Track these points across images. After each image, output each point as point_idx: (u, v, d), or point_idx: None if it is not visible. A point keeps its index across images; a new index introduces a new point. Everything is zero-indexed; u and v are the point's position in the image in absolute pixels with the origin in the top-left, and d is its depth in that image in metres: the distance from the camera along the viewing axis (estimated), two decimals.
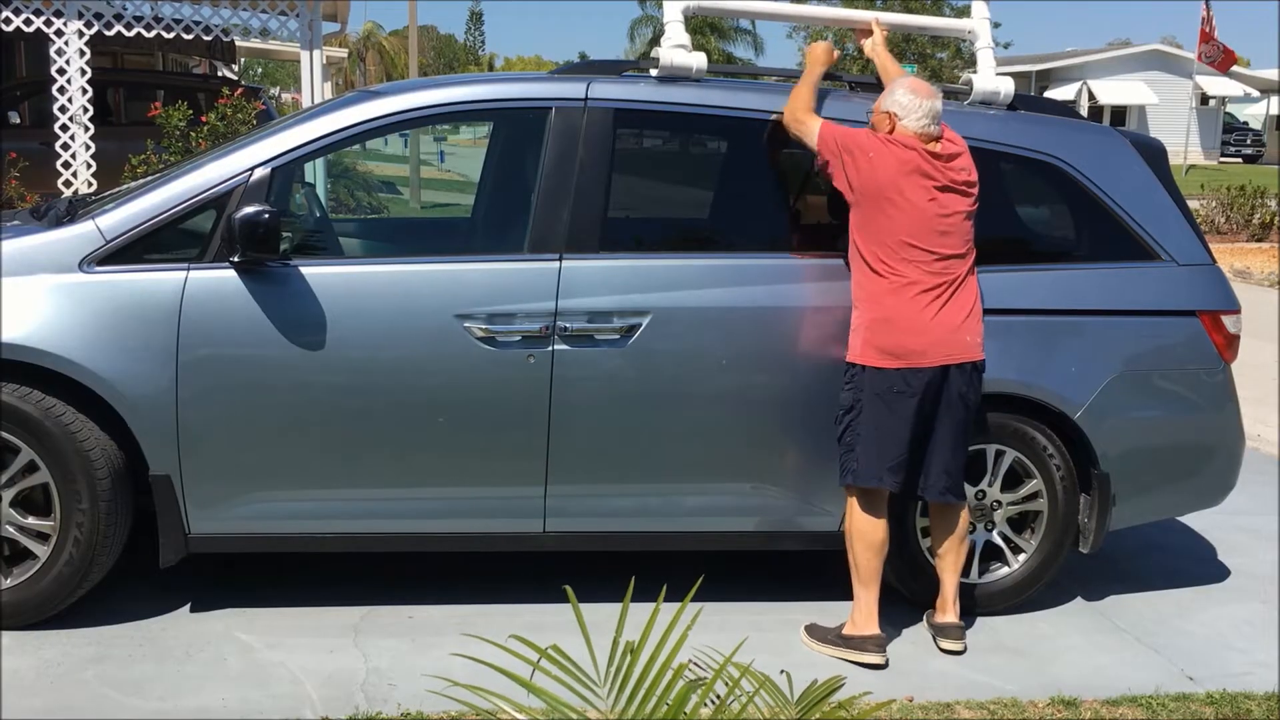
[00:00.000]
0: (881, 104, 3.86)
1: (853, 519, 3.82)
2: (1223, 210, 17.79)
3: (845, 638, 3.82)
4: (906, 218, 3.69)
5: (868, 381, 3.72)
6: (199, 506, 3.74)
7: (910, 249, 3.69)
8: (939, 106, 3.79)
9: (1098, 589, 4.48)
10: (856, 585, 3.84)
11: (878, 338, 3.71)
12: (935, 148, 3.75)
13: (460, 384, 3.76)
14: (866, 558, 3.80)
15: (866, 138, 3.79)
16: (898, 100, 3.80)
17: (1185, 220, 4.29)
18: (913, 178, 3.71)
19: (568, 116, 3.90)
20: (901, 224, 3.70)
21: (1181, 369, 4.20)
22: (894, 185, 3.70)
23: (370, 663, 3.66)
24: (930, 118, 3.78)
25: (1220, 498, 4.42)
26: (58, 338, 3.57)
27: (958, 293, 3.73)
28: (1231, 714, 3.53)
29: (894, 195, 3.70)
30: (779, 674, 2.53)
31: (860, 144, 3.77)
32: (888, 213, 3.70)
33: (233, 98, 9.15)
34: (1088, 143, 4.25)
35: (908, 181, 3.70)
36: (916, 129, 3.78)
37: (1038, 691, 3.65)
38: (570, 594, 2.33)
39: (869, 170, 3.72)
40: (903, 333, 3.69)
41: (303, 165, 4.23)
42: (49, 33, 8.80)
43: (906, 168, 3.71)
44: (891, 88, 3.88)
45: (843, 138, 3.79)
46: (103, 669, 3.55)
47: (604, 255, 3.85)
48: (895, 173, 3.71)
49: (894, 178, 3.71)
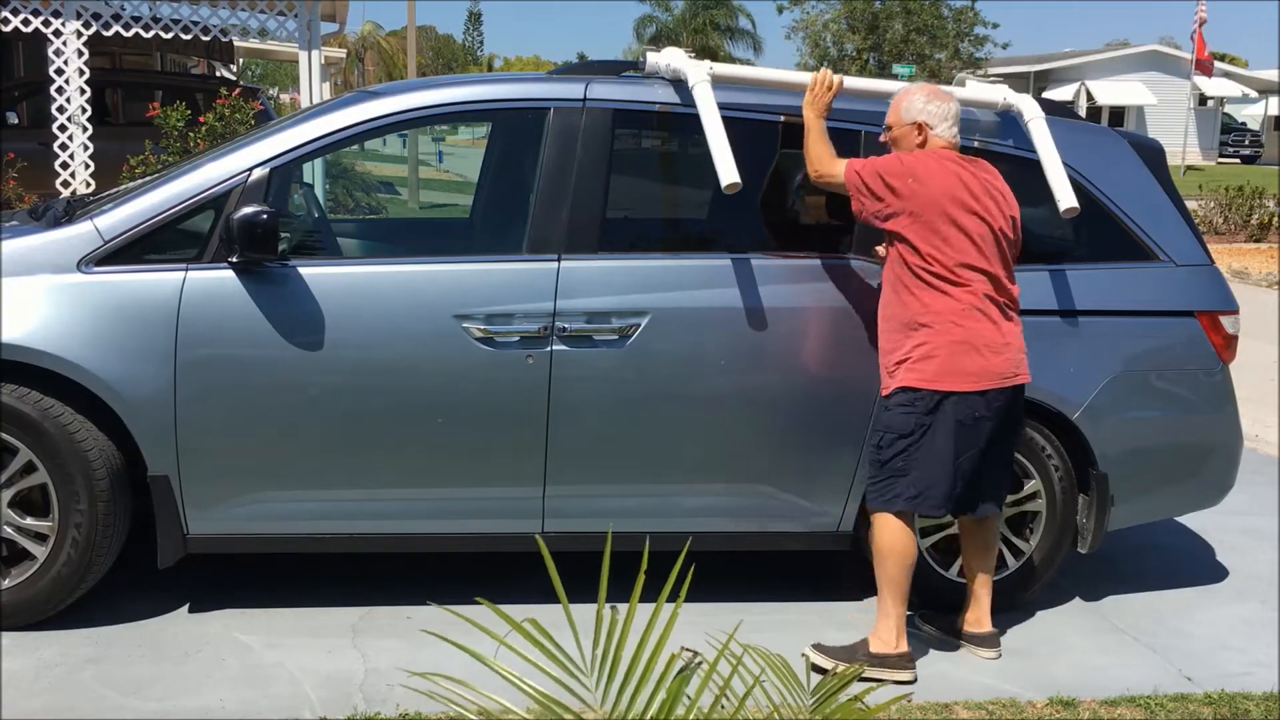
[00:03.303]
0: (904, 115, 3.69)
1: (886, 537, 3.64)
2: (1221, 211, 17.80)
3: (877, 656, 3.64)
4: (968, 236, 3.55)
5: (950, 407, 3.55)
6: (197, 507, 3.74)
7: (974, 270, 3.56)
8: (959, 108, 3.71)
9: (1096, 589, 4.48)
10: (890, 602, 3.66)
11: (959, 361, 3.55)
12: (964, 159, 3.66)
13: (459, 384, 3.76)
14: (902, 575, 3.65)
15: (902, 160, 3.61)
16: (926, 109, 3.65)
17: (1183, 221, 4.30)
18: (966, 193, 3.57)
19: (566, 117, 3.89)
20: (963, 243, 3.55)
21: (1180, 369, 4.20)
22: (954, 202, 3.55)
23: (369, 663, 3.66)
24: (958, 123, 3.68)
25: (1219, 498, 4.43)
26: (56, 338, 3.57)
27: (1015, 308, 3.67)
28: (1230, 714, 3.53)
29: (955, 212, 3.54)
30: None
31: (897, 170, 3.59)
32: (946, 231, 3.54)
33: (231, 98, 9.15)
34: (1086, 143, 4.25)
35: (965, 197, 3.56)
36: (950, 138, 3.67)
37: (1036, 692, 3.65)
38: (547, 556, 2.21)
39: (920, 192, 3.55)
40: (987, 354, 3.56)
41: (301, 166, 4.22)
42: (47, 33, 8.79)
43: (959, 182, 3.57)
44: (908, 97, 3.70)
45: (876, 171, 3.61)
46: (101, 669, 3.55)
47: (603, 256, 3.84)
48: (951, 189, 3.56)
49: (951, 194, 3.55)
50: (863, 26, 40.12)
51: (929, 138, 3.66)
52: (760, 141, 4.05)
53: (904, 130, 3.69)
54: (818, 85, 3.83)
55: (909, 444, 3.59)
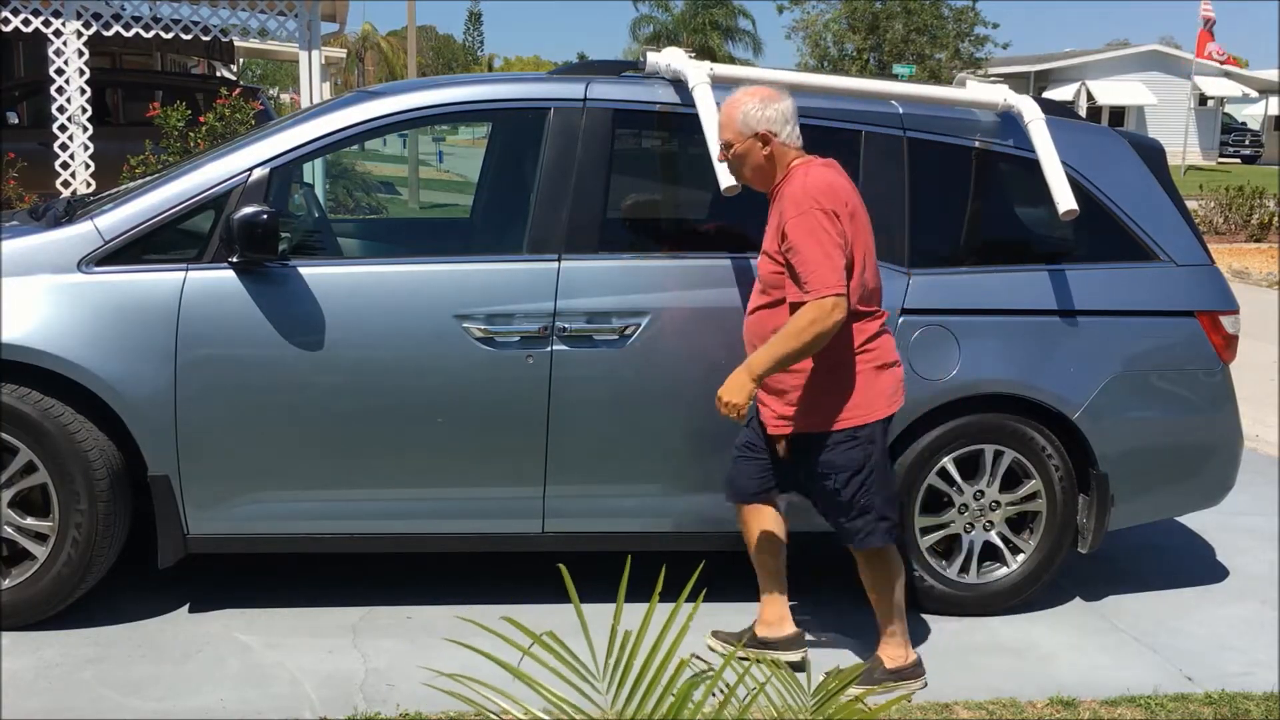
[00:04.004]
0: (742, 128, 3.37)
1: (881, 566, 3.56)
2: (1221, 211, 17.80)
3: (895, 671, 3.58)
4: (869, 249, 3.42)
5: (880, 434, 3.46)
6: (198, 507, 3.74)
7: (875, 288, 3.46)
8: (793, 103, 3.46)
9: (1096, 589, 4.48)
10: (894, 620, 3.59)
11: (884, 383, 3.46)
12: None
13: (459, 384, 3.76)
14: (900, 594, 3.60)
15: (822, 204, 3.26)
16: (766, 116, 3.36)
17: (1184, 220, 4.30)
18: (856, 197, 3.40)
19: (567, 117, 3.89)
20: (869, 260, 3.41)
21: (1180, 369, 4.20)
22: (853, 215, 3.36)
23: (369, 663, 3.66)
24: (797, 121, 3.43)
25: (1219, 498, 4.43)
26: (56, 338, 3.57)
27: None
28: (1230, 714, 3.53)
29: (859, 228, 3.37)
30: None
31: (837, 227, 3.27)
32: (856, 253, 3.36)
33: (231, 98, 9.16)
34: (1086, 144, 4.25)
35: (856, 206, 3.39)
36: (797, 141, 3.42)
37: (1036, 692, 3.66)
38: (564, 572, 2.29)
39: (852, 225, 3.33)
40: (896, 371, 3.51)
41: (301, 166, 4.22)
42: (47, 33, 8.79)
43: (854, 193, 3.40)
44: (739, 108, 3.38)
45: (835, 244, 3.25)
46: (101, 669, 3.55)
47: (603, 256, 3.85)
48: (854, 198, 3.39)
49: (856, 205, 3.38)
50: (863, 26, 40.11)
51: (775, 147, 3.40)
52: None
53: (747, 144, 3.40)
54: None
55: (864, 478, 3.44)
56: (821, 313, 3.22)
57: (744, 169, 3.48)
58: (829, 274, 3.23)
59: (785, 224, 3.32)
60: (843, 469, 3.44)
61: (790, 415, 3.47)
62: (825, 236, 3.25)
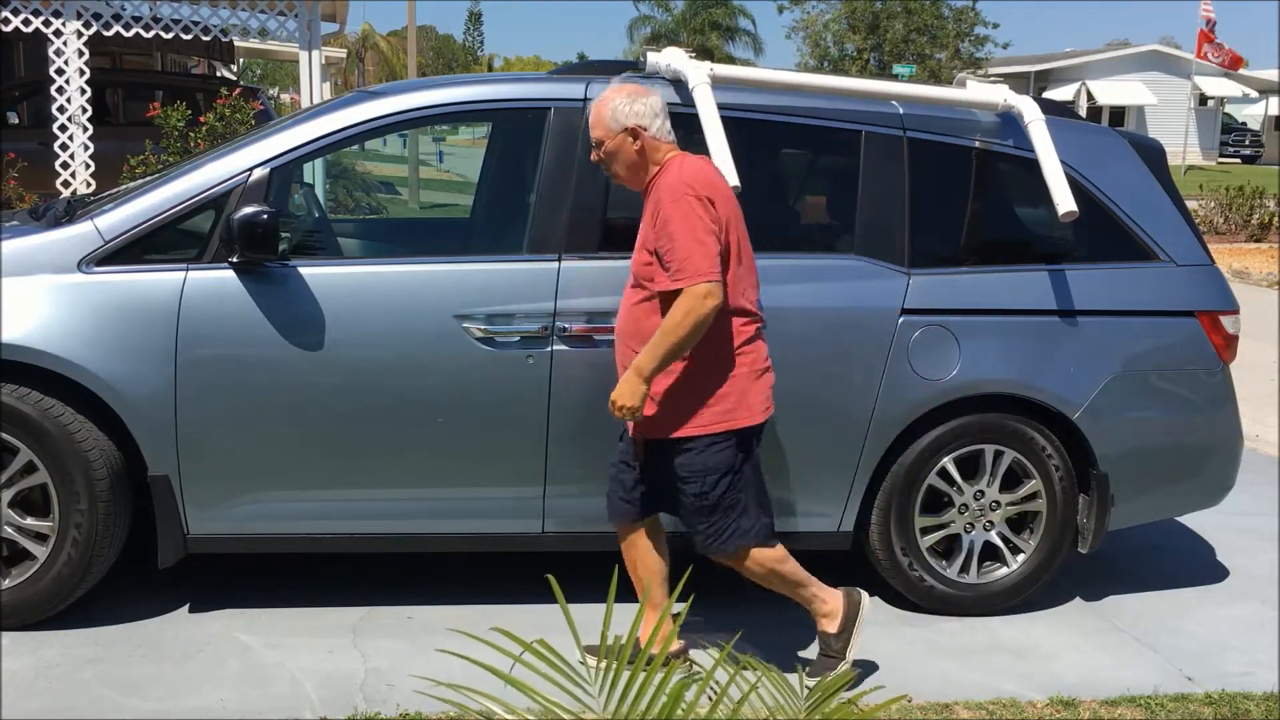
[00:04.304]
0: (612, 124, 3.32)
1: (759, 562, 3.46)
2: (1221, 211, 17.81)
3: (841, 632, 3.55)
4: (745, 249, 3.37)
5: (752, 441, 3.40)
6: (198, 507, 3.74)
7: (751, 288, 3.41)
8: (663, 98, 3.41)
9: (1096, 589, 4.48)
10: (815, 599, 3.55)
11: (759, 389, 3.39)
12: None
13: (459, 384, 3.76)
14: (799, 574, 3.53)
15: (695, 189, 3.21)
16: (635, 111, 3.30)
17: (1184, 221, 4.30)
18: (730, 194, 3.34)
19: (567, 117, 3.89)
20: (745, 258, 3.36)
21: (1180, 369, 4.20)
22: (734, 208, 3.32)
23: (369, 663, 3.66)
24: (667, 116, 3.37)
25: (1219, 498, 4.43)
26: (56, 338, 3.57)
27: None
28: (1230, 714, 3.53)
29: (734, 225, 3.31)
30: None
31: (710, 213, 3.20)
32: (730, 246, 3.30)
33: (231, 98, 9.16)
34: (1087, 144, 4.25)
35: (733, 206, 3.33)
36: (668, 136, 3.37)
37: (1036, 692, 3.66)
38: (553, 582, 2.31)
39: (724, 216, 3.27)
40: (769, 378, 3.44)
41: (302, 166, 4.22)
42: (47, 33, 8.80)
43: (723, 184, 3.34)
44: (607, 105, 3.33)
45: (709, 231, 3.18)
46: (102, 669, 3.55)
47: (603, 256, 3.84)
48: (728, 193, 3.33)
49: (730, 199, 3.33)
50: (863, 26, 40.12)
51: (645, 141, 3.33)
52: (760, 142, 4.05)
53: (618, 141, 3.34)
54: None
55: (733, 480, 3.37)
56: (695, 300, 3.14)
57: (616, 165, 3.39)
58: (702, 260, 3.15)
59: (659, 212, 3.24)
60: (711, 471, 3.34)
61: (661, 417, 3.35)
62: (698, 223, 3.18)
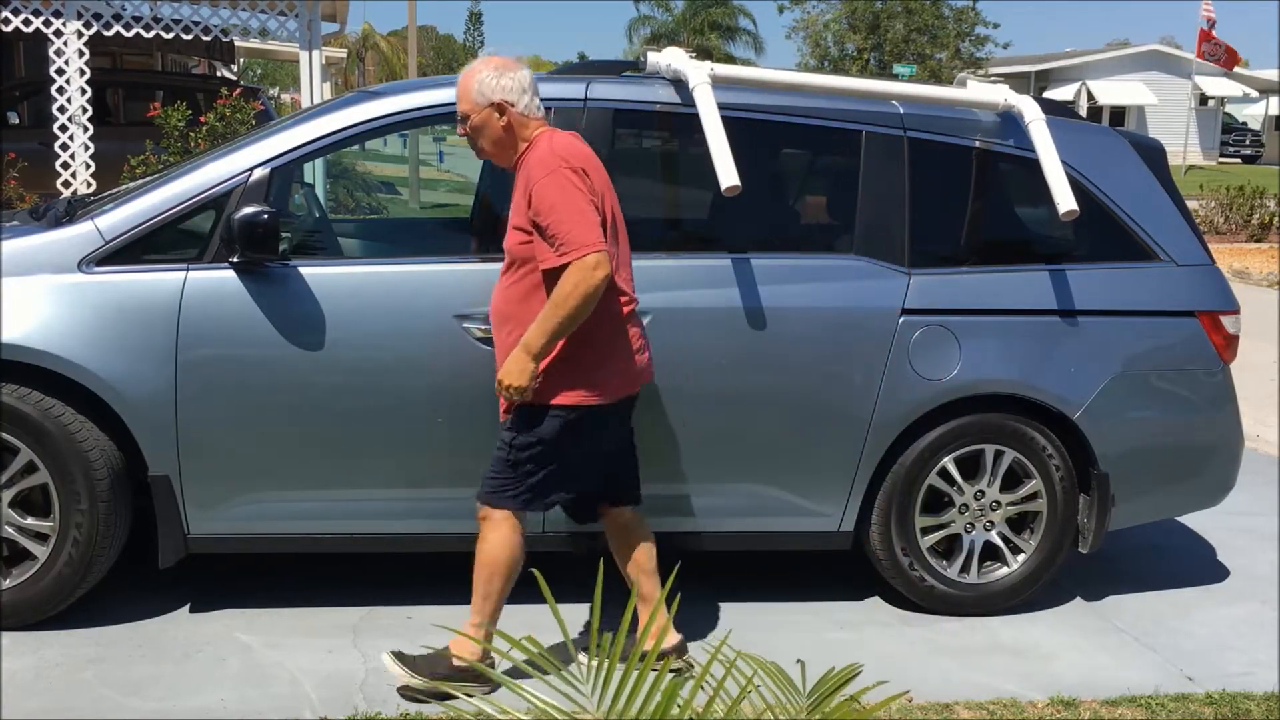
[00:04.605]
0: (478, 98, 3.24)
1: (513, 546, 3.39)
2: (1222, 210, 17.81)
3: (461, 669, 3.38)
4: (620, 227, 3.34)
5: (589, 423, 3.33)
6: (198, 507, 3.75)
7: (625, 266, 3.40)
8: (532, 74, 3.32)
9: (1097, 589, 4.48)
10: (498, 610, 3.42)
11: (633, 368, 3.40)
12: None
13: (459, 384, 3.75)
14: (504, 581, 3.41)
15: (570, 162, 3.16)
16: (502, 85, 3.21)
17: (1184, 220, 4.30)
18: (602, 169, 3.28)
19: (567, 117, 3.88)
20: (620, 238, 3.33)
21: (1181, 369, 4.20)
22: (606, 183, 3.27)
23: (369, 663, 3.66)
24: (537, 92, 3.30)
25: (1220, 498, 4.43)
26: (57, 338, 3.57)
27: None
28: (1230, 714, 3.53)
29: (609, 201, 3.27)
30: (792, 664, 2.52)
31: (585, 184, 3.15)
32: (606, 220, 3.25)
33: (231, 98, 9.17)
34: (1087, 143, 4.25)
35: (606, 180, 3.28)
36: (536, 112, 3.29)
37: (1037, 691, 3.66)
38: (539, 576, 2.30)
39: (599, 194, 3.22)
40: (637, 362, 3.40)
41: (302, 166, 4.22)
42: (48, 33, 8.80)
43: (594, 157, 3.28)
44: (474, 76, 3.24)
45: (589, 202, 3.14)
46: (102, 669, 3.55)
47: None
48: (600, 167, 3.27)
49: (603, 174, 3.27)
50: (864, 26, 40.14)
51: (512, 117, 3.26)
52: (760, 142, 4.05)
53: (484, 115, 3.26)
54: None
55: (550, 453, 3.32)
56: (584, 272, 3.07)
57: (482, 141, 3.32)
58: (585, 231, 3.08)
59: (533, 187, 3.16)
60: (527, 429, 3.27)
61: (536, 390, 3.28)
62: (577, 194, 3.12)
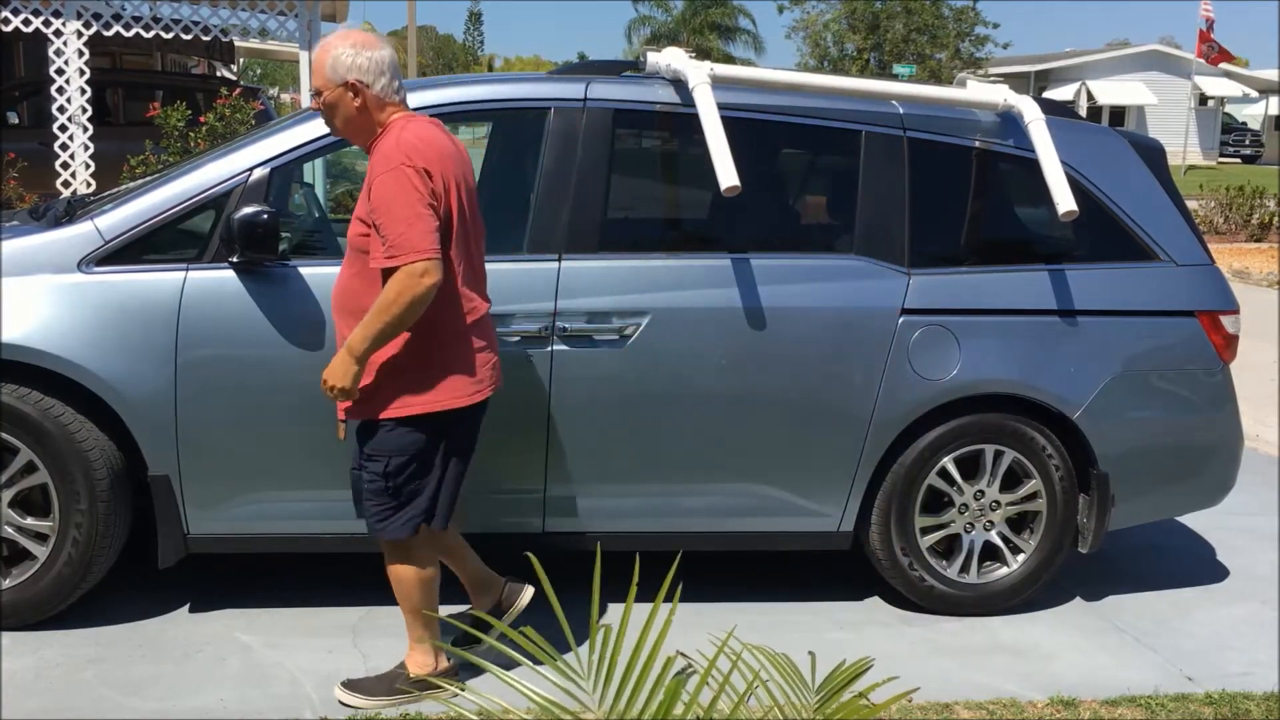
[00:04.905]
0: (331, 75, 3.09)
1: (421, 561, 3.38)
2: (1221, 210, 17.81)
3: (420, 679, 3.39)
4: (472, 225, 3.21)
5: (450, 428, 3.24)
6: (198, 507, 3.75)
7: (476, 269, 3.28)
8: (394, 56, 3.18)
9: (1097, 589, 4.48)
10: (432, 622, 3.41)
11: (478, 368, 3.26)
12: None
13: None
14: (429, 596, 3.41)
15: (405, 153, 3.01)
16: (357, 64, 3.07)
17: (1184, 220, 4.30)
18: (459, 164, 3.15)
19: (567, 117, 3.89)
20: (472, 237, 3.22)
21: (1180, 369, 4.20)
22: (459, 179, 3.13)
23: (369, 663, 3.66)
24: (398, 74, 3.13)
25: (1219, 498, 4.43)
26: (56, 338, 3.57)
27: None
28: (1230, 714, 3.53)
29: (460, 198, 3.14)
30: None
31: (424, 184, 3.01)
32: (453, 221, 3.14)
33: (231, 98, 9.17)
34: (1087, 143, 4.25)
35: (460, 174, 3.14)
36: (394, 96, 3.14)
37: (1037, 691, 3.66)
38: (534, 560, 2.29)
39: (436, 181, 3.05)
40: (486, 366, 3.29)
41: (302, 166, 4.22)
42: (48, 33, 8.80)
43: (449, 152, 3.12)
44: (330, 52, 3.09)
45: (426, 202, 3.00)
46: (102, 669, 3.55)
47: (603, 256, 3.84)
48: (454, 163, 3.12)
49: (454, 170, 3.11)
50: (863, 26, 40.15)
51: (367, 98, 3.12)
52: (760, 142, 4.05)
53: (336, 93, 3.12)
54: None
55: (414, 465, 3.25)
56: (410, 279, 2.97)
57: (336, 120, 3.20)
58: (418, 237, 2.97)
59: (373, 181, 3.05)
60: (398, 452, 3.21)
61: (367, 398, 3.20)
62: (414, 195, 2.99)
